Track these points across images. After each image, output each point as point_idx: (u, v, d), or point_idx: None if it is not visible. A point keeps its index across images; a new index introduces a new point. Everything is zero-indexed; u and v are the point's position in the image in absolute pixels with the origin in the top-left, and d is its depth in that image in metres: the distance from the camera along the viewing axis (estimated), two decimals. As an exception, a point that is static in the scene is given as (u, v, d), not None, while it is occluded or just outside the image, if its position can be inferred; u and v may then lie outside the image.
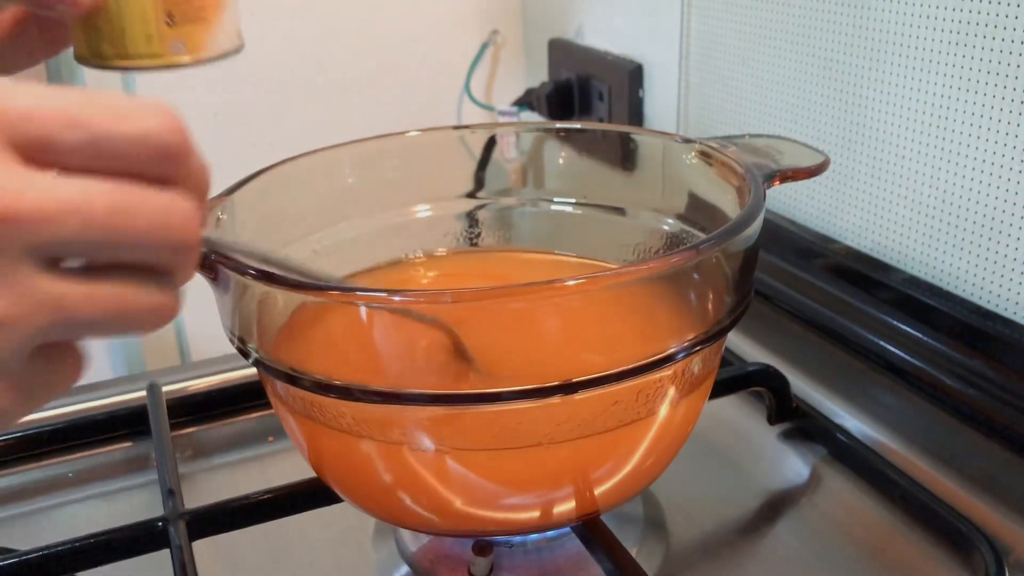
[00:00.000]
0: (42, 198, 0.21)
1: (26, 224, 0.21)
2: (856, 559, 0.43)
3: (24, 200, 0.21)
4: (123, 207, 0.22)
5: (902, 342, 0.53)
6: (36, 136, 0.21)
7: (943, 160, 0.52)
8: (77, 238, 0.22)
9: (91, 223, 0.22)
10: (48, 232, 0.21)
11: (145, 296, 0.24)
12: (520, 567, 0.42)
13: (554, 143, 0.51)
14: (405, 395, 0.32)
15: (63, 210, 0.21)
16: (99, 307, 0.23)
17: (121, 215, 0.22)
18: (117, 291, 0.23)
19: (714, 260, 0.34)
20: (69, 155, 0.22)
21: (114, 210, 0.22)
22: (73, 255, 0.23)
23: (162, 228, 0.23)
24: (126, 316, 0.24)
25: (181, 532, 0.41)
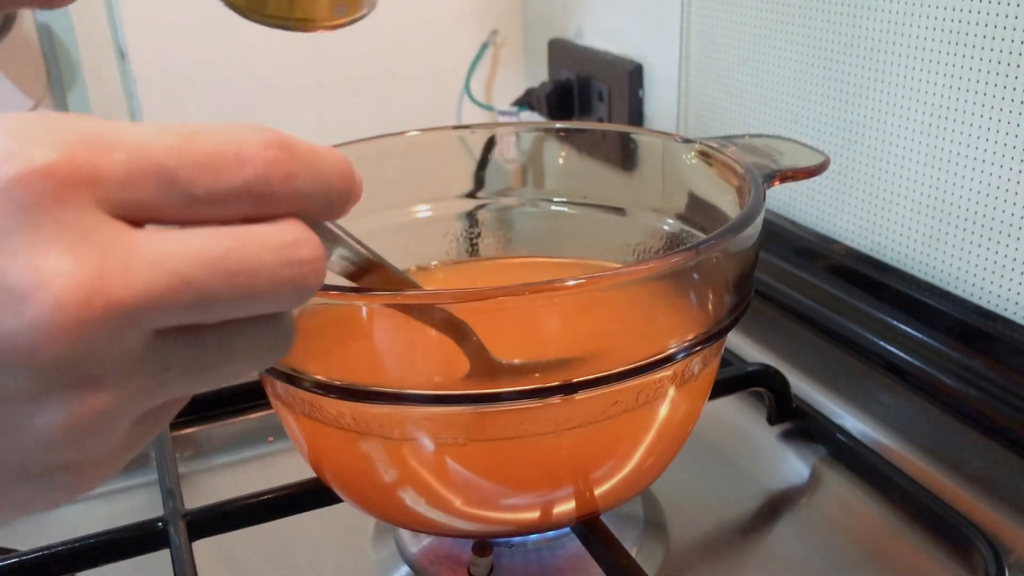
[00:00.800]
0: (153, 279, 0.19)
1: (139, 315, 0.19)
2: (856, 559, 0.43)
3: (133, 286, 0.18)
4: (238, 268, 0.19)
5: (902, 342, 0.53)
6: (138, 202, 0.19)
7: (943, 160, 0.52)
8: (186, 314, 0.19)
9: (206, 295, 0.19)
10: (165, 314, 0.19)
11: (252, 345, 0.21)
12: (520, 567, 0.42)
13: (554, 143, 0.51)
14: (405, 395, 0.32)
15: (177, 288, 0.19)
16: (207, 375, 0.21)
17: (238, 278, 0.19)
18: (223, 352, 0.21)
19: (714, 260, 0.34)
20: (167, 212, 0.19)
21: (230, 274, 0.19)
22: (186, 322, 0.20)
23: (287, 280, 0.20)
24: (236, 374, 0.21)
25: (181, 532, 0.41)
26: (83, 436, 0.19)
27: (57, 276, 0.18)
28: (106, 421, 0.20)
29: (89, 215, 0.18)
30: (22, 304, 0.17)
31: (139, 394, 0.20)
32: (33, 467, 0.20)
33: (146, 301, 0.19)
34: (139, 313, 0.19)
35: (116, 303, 0.18)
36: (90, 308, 0.18)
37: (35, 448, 0.19)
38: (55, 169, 0.18)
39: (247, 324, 0.21)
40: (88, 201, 0.18)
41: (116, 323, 0.18)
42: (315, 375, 0.32)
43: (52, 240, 0.18)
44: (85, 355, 0.18)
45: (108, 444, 0.20)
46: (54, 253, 0.18)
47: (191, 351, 0.20)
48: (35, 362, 0.18)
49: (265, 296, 0.20)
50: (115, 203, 0.19)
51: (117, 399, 0.20)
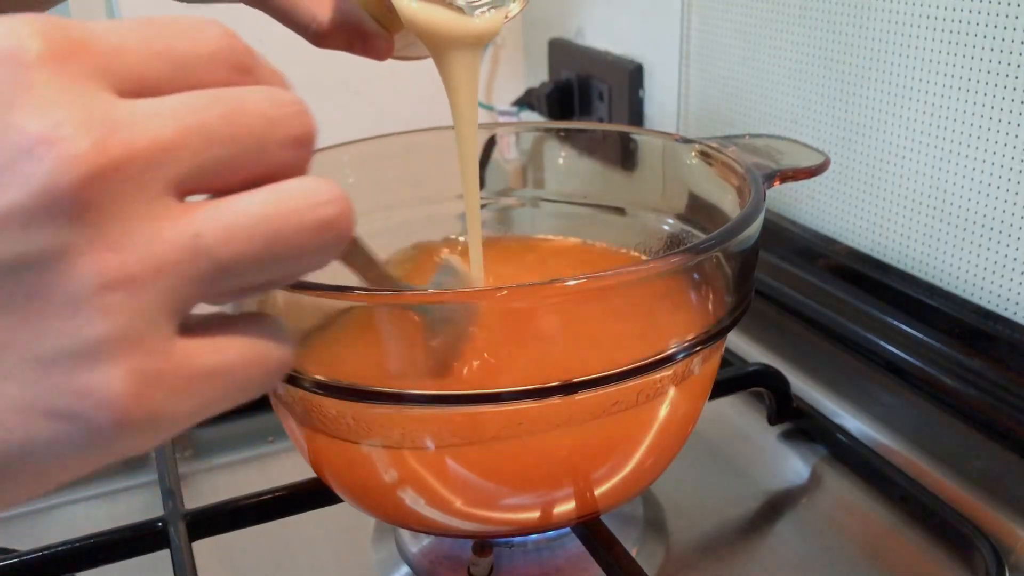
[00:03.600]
0: (159, 127, 0.19)
1: (153, 159, 0.18)
2: (856, 559, 0.43)
3: (143, 134, 0.18)
4: (233, 108, 0.20)
5: (902, 342, 0.53)
6: (128, 72, 0.19)
7: (943, 160, 0.52)
8: (200, 158, 0.19)
9: (211, 136, 0.19)
10: (175, 160, 0.19)
11: (296, 195, 0.20)
12: (520, 567, 0.42)
13: (554, 143, 0.51)
14: (405, 395, 0.32)
15: (183, 132, 0.19)
16: (245, 234, 0.20)
17: (235, 118, 0.20)
18: (256, 208, 0.20)
19: (714, 260, 0.34)
20: (159, 84, 0.20)
21: (227, 114, 0.20)
22: (195, 184, 0.20)
23: (278, 119, 0.20)
24: (282, 236, 0.20)
25: (181, 532, 0.41)
26: (115, 307, 0.18)
27: (68, 124, 0.18)
28: (139, 292, 0.18)
29: (87, 79, 0.19)
30: (36, 154, 0.17)
31: (171, 266, 0.19)
32: (61, 363, 0.18)
33: (156, 143, 0.19)
34: (154, 155, 0.18)
35: (128, 144, 0.18)
36: (106, 152, 0.18)
37: (65, 328, 0.18)
38: (46, 37, 0.18)
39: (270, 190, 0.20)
40: (84, 69, 0.19)
41: (133, 167, 0.18)
42: (315, 375, 0.32)
43: (57, 96, 0.18)
44: (107, 208, 0.18)
45: (145, 333, 0.19)
46: (61, 106, 0.18)
47: (220, 213, 0.20)
48: (58, 211, 0.17)
49: (259, 137, 0.20)
50: (108, 72, 0.19)
51: (147, 264, 0.18)
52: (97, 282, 0.18)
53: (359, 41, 0.39)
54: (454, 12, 0.36)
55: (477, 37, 0.37)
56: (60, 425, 0.18)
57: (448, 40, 0.37)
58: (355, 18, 0.38)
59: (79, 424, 0.18)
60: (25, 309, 0.18)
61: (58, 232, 0.18)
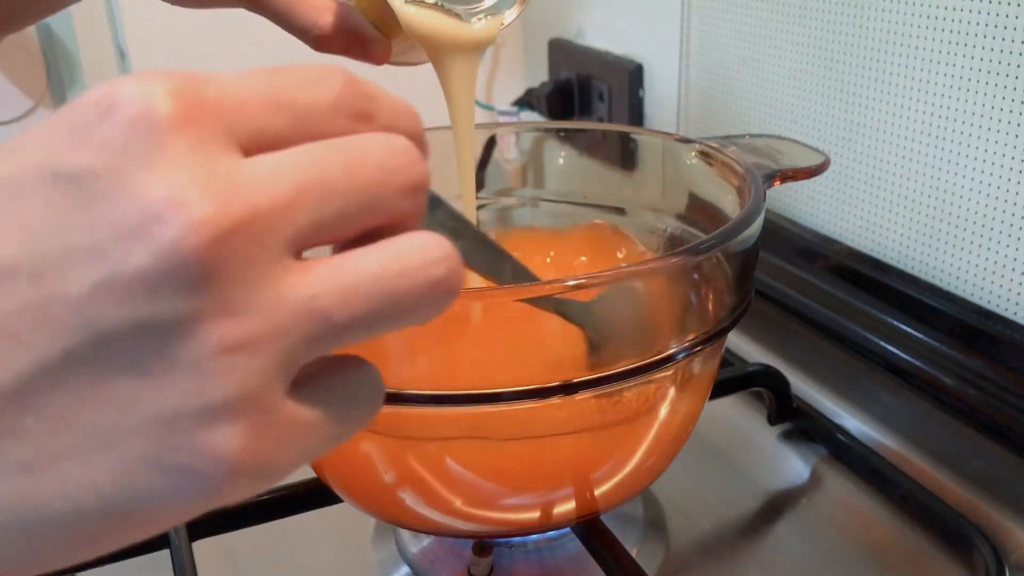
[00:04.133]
0: (280, 185, 0.19)
1: (274, 218, 0.19)
2: (856, 559, 0.43)
3: (264, 194, 0.19)
4: (351, 161, 0.20)
5: (902, 342, 0.53)
6: (253, 128, 0.20)
7: (943, 160, 0.52)
8: (319, 214, 0.19)
9: (331, 191, 0.19)
10: (296, 218, 0.19)
11: (409, 255, 0.20)
12: (520, 567, 0.42)
13: (554, 143, 0.51)
14: (405, 395, 0.32)
15: (303, 189, 0.19)
16: (361, 295, 0.20)
17: (352, 169, 0.20)
18: (373, 268, 0.20)
19: (714, 260, 0.34)
20: (279, 138, 0.20)
21: (346, 168, 0.20)
22: (312, 240, 0.20)
23: (394, 170, 0.21)
24: (396, 296, 0.20)
25: (181, 532, 0.41)
26: (236, 370, 0.19)
27: (194, 187, 0.18)
28: (258, 355, 0.19)
29: (215, 140, 0.19)
30: (163, 218, 0.18)
31: (289, 328, 0.19)
32: (184, 421, 0.19)
33: (278, 202, 0.19)
34: (275, 215, 0.19)
35: (250, 206, 0.18)
36: (229, 215, 0.18)
37: (188, 388, 0.18)
38: (177, 98, 0.18)
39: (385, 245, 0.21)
40: (214, 130, 0.19)
41: (255, 228, 0.18)
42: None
43: (186, 159, 0.18)
44: (230, 272, 0.18)
45: (262, 393, 0.19)
46: (189, 169, 0.18)
47: (335, 273, 0.20)
48: (184, 277, 0.18)
49: (374, 189, 0.20)
50: (234, 130, 0.19)
51: (266, 327, 0.19)
52: (219, 346, 0.18)
53: (358, 46, 0.39)
54: (452, 18, 0.37)
55: (475, 43, 0.38)
56: (177, 479, 0.19)
57: (446, 46, 0.37)
58: (354, 23, 0.38)
59: (195, 478, 0.20)
60: (150, 370, 0.18)
61: (183, 297, 0.18)
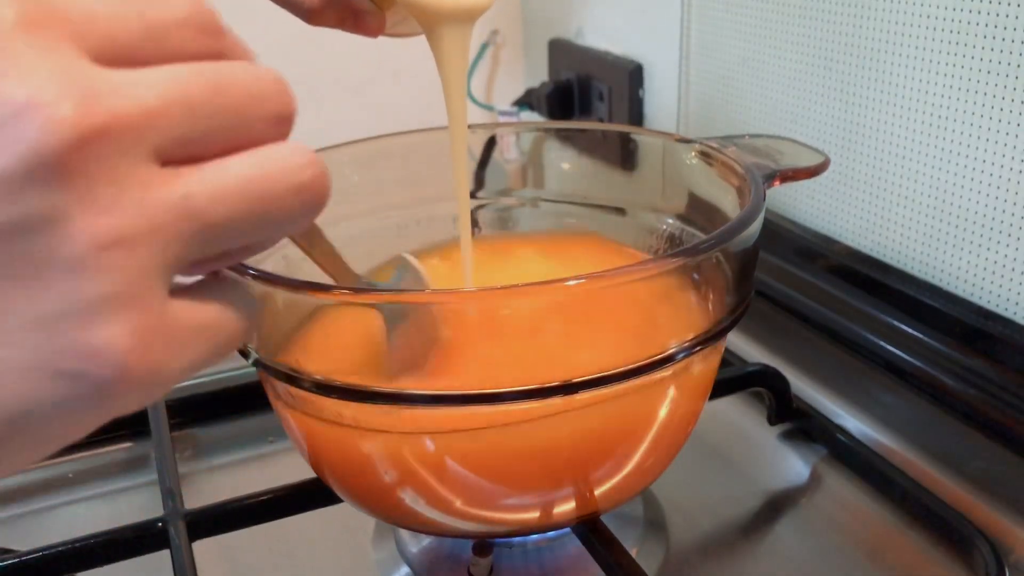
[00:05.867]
0: (141, 95, 0.19)
1: (136, 125, 0.19)
2: (856, 559, 0.43)
3: (125, 101, 0.19)
4: (217, 82, 0.20)
5: (902, 342, 0.53)
6: (102, 37, 0.19)
7: (943, 160, 0.52)
8: (183, 128, 0.20)
9: (194, 108, 0.20)
10: (158, 128, 0.19)
11: (277, 159, 0.21)
12: (520, 567, 0.42)
13: (554, 143, 0.51)
14: (405, 395, 0.32)
15: (166, 101, 0.19)
16: (231, 195, 0.20)
17: (218, 91, 0.20)
18: (241, 170, 0.20)
19: (714, 260, 0.34)
20: (133, 51, 0.20)
21: (211, 88, 0.20)
22: (178, 153, 0.20)
23: (259, 97, 0.21)
24: (266, 198, 0.21)
25: (181, 532, 0.41)
26: (112, 266, 0.18)
27: (50, 89, 0.18)
28: (134, 252, 0.19)
29: (64, 45, 0.19)
30: (20, 120, 0.17)
31: (163, 224, 0.19)
32: (62, 324, 0.18)
33: (138, 113, 0.19)
34: (137, 122, 0.19)
35: (111, 110, 0.18)
36: (90, 116, 0.18)
37: (63, 289, 0.18)
38: (21, 5, 0.18)
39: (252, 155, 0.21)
40: (61, 35, 0.19)
41: (117, 132, 0.18)
42: (315, 375, 0.32)
43: (37, 62, 0.18)
44: (95, 172, 0.18)
45: (142, 291, 0.19)
46: (42, 71, 0.18)
47: (208, 177, 0.20)
48: (46, 175, 0.18)
49: (242, 112, 0.21)
50: (83, 37, 0.19)
51: (140, 223, 0.19)
52: (92, 243, 0.18)
53: (351, 17, 0.39)
54: None
55: (468, 12, 0.37)
56: (64, 384, 0.18)
57: (439, 15, 0.37)
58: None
59: (83, 382, 0.18)
60: (22, 274, 0.18)
61: (48, 196, 0.18)
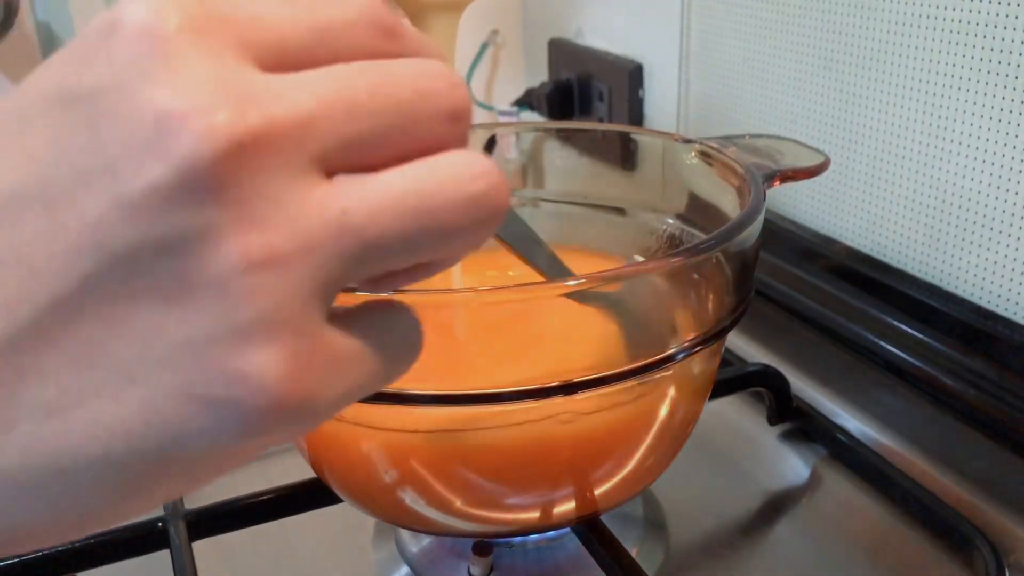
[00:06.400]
0: (301, 99, 0.18)
1: (294, 132, 0.17)
2: (856, 559, 0.43)
3: (283, 107, 0.17)
4: (381, 80, 0.19)
5: (902, 342, 0.53)
6: (269, 41, 0.18)
7: (943, 160, 0.52)
8: (345, 131, 0.18)
9: (357, 109, 0.18)
10: (318, 133, 0.18)
11: (446, 169, 0.19)
12: (520, 567, 0.42)
13: (554, 143, 0.51)
14: (405, 395, 0.32)
15: (326, 104, 0.18)
16: (394, 209, 0.18)
17: (383, 90, 0.19)
18: (406, 182, 0.19)
19: (714, 260, 0.34)
20: (302, 54, 0.19)
21: (374, 86, 0.19)
22: (342, 160, 0.18)
23: (429, 93, 0.19)
24: (434, 212, 0.19)
25: (181, 532, 0.41)
26: (265, 288, 0.17)
27: (206, 97, 0.17)
28: (287, 272, 0.17)
29: (227, 52, 0.18)
30: (173, 129, 0.16)
31: (319, 243, 0.18)
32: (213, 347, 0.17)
33: (297, 120, 0.18)
34: (296, 128, 0.18)
35: (268, 116, 0.17)
36: (245, 124, 0.17)
37: (214, 311, 0.17)
38: (184, 10, 0.17)
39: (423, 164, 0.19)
40: (224, 41, 0.18)
41: (274, 140, 0.17)
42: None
43: (196, 69, 0.17)
44: (249, 184, 0.17)
45: (295, 314, 0.18)
46: (199, 79, 0.17)
47: (369, 191, 0.18)
48: (199, 188, 0.17)
49: (411, 111, 0.19)
50: (248, 43, 0.18)
51: (294, 241, 0.17)
52: (244, 262, 0.17)
53: None
54: None
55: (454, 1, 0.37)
56: (214, 412, 0.17)
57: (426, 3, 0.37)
58: None
59: (234, 410, 0.17)
60: (172, 293, 0.17)
61: (200, 211, 0.17)
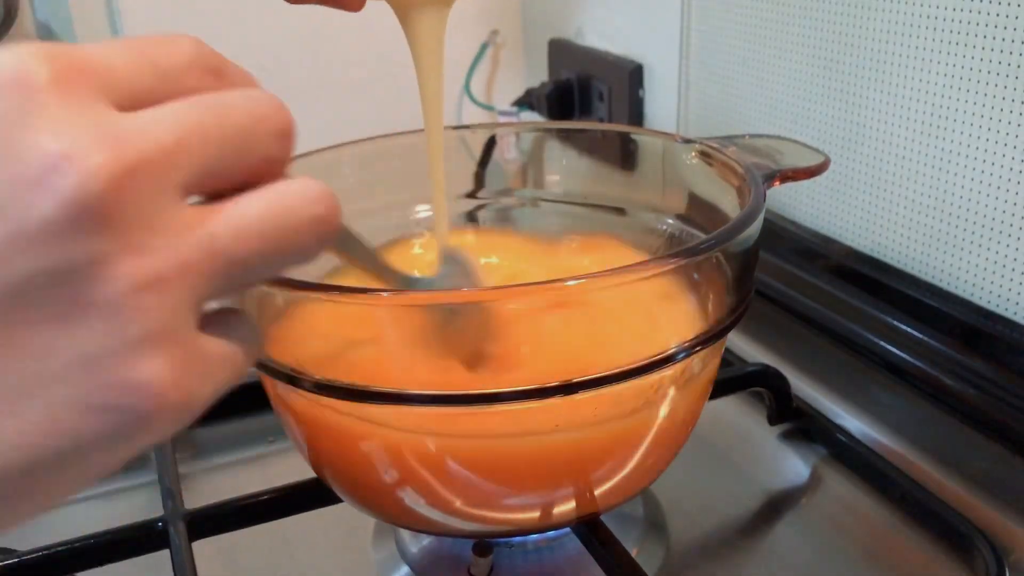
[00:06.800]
0: (161, 134, 0.20)
1: (161, 161, 0.20)
2: (856, 559, 0.43)
3: (149, 142, 0.20)
4: (220, 111, 0.22)
5: (902, 342, 0.53)
6: (123, 87, 0.21)
7: (943, 160, 0.52)
8: (201, 157, 0.21)
9: (207, 135, 0.21)
10: (180, 161, 0.20)
11: (291, 195, 0.22)
12: (520, 567, 0.42)
13: (554, 143, 0.51)
14: (405, 395, 0.32)
15: (183, 134, 0.21)
16: (253, 230, 0.22)
17: (223, 119, 0.22)
18: (260, 206, 0.22)
19: (714, 260, 0.34)
20: (149, 95, 0.21)
21: (216, 116, 0.21)
22: (201, 187, 0.22)
23: (260, 116, 0.22)
24: (286, 231, 0.22)
25: (181, 532, 0.41)
26: (150, 306, 0.20)
27: (84, 140, 0.19)
28: (168, 291, 0.20)
29: (92, 98, 0.20)
30: (60, 170, 0.19)
31: (193, 265, 0.21)
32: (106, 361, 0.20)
33: (163, 147, 0.20)
34: (163, 159, 0.20)
35: (140, 151, 0.20)
36: (123, 161, 0.19)
37: (106, 329, 0.19)
38: (51, 63, 0.20)
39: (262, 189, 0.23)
40: (88, 89, 0.20)
41: (148, 171, 0.20)
42: (315, 375, 0.32)
43: (70, 116, 0.19)
44: (131, 214, 0.19)
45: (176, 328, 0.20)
46: (75, 125, 0.19)
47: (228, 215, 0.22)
48: (87, 221, 0.19)
49: (248, 136, 0.22)
50: (107, 89, 0.20)
51: (172, 264, 0.20)
52: (131, 284, 0.19)
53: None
54: None
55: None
56: (110, 418, 0.20)
57: None
58: None
59: (127, 415, 0.20)
60: (66, 315, 0.19)
61: (90, 241, 0.19)
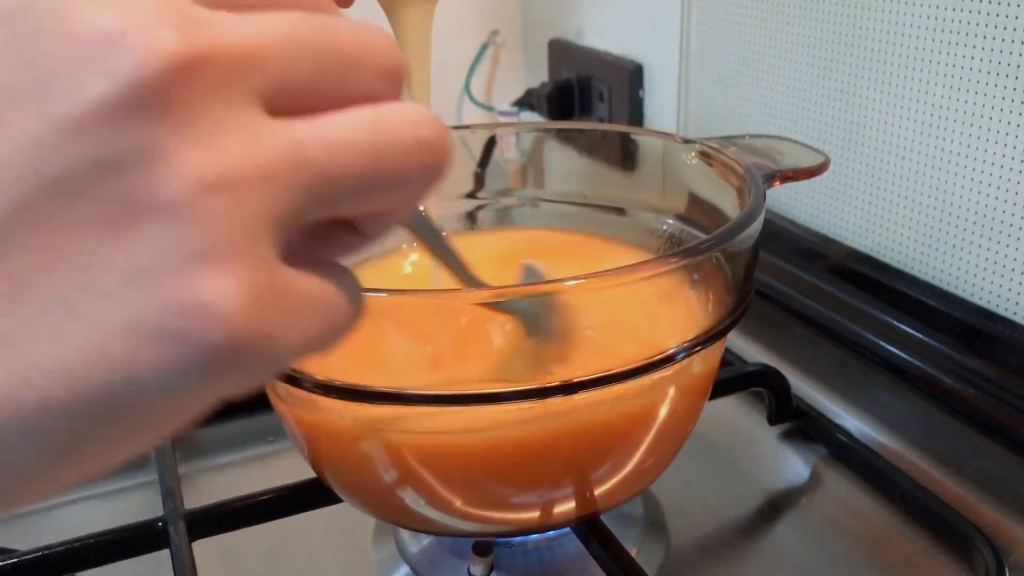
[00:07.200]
0: (247, 32, 0.17)
1: (241, 61, 0.17)
2: (856, 559, 0.43)
3: (230, 35, 0.17)
4: (325, 29, 0.19)
5: (902, 342, 0.53)
6: None
7: (943, 160, 0.52)
8: (291, 71, 0.18)
9: (302, 50, 0.18)
10: (265, 67, 0.17)
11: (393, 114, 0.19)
12: (520, 567, 0.42)
13: (554, 143, 0.51)
14: (405, 395, 0.32)
15: (273, 41, 0.18)
16: (346, 145, 0.18)
17: (327, 37, 0.19)
18: (357, 121, 0.19)
19: (714, 260, 0.34)
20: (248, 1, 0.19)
21: (319, 33, 0.19)
22: (286, 102, 0.18)
23: (369, 48, 0.19)
24: (384, 152, 0.19)
25: (181, 532, 0.41)
26: (220, 212, 0.16)
27: (152, 15, 0.16)
28: (244, 197, 0.17)
29: None
30: (117, 44, 0.16)
31: (274, 171, 0.17)
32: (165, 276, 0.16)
33: (245, 46, 0.17)
34: (242, 58, 0.17)
35: (215, 42, 0.17)
36: (194, 45, 0.16)
37: (166, 236, 0.16)
38: None
39: None
40: None
41: (222, 66, 0.17)
42: (315, 375, 0.32)
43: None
44: (199, 106, 0.16)
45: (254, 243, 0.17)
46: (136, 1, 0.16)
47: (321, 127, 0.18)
48: (146, 104, 0.16)
49: (351, 61, 0.19)
50: None
51: (250, 166, 0.17)
52: (197, 183, 0.16)
53: None
54: None
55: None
56: (167, 348, 0.16)
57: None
58: None
59: (190, 346, 0.16)
60: (119, 218, 0.16)
61: (149, 128, 0.16)
